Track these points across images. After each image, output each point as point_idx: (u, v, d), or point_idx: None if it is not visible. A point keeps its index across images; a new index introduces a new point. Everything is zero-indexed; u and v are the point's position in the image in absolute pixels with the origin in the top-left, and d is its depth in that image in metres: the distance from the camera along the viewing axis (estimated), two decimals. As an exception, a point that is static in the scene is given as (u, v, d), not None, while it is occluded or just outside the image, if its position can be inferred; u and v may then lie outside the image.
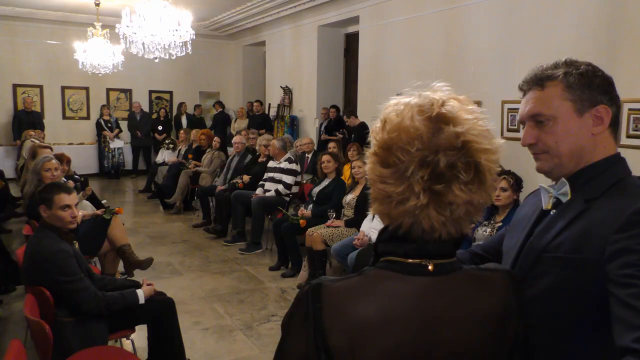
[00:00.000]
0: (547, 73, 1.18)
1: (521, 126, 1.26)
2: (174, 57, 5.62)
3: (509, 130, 5.67)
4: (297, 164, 6.29)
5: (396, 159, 0.89)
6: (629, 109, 4.44)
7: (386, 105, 0.97)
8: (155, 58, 5.58)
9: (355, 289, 0.91)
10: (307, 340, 0.89)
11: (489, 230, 3.46)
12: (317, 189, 5.36)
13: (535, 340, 1.05)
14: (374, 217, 4.51)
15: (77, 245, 2.93)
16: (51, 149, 5.28)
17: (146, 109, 11.80)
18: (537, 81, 1.18)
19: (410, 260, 0.92)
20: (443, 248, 0.94)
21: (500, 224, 3.42)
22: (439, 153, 0.88)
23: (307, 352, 0.89)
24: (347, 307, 0.89)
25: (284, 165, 6.15)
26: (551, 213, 1.18)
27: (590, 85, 1.13)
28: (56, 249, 2.64)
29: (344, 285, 0.92)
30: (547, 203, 1.20)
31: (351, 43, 9.50)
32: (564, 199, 1.16)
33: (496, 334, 0.94)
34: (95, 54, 8.39)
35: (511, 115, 5.80)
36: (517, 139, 4.59)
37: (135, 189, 10.11)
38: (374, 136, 0.95)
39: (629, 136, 4.44)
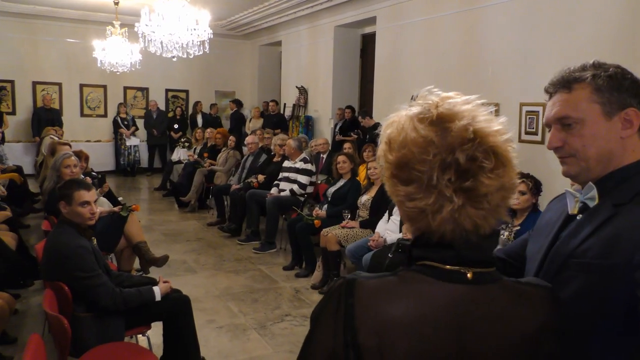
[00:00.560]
0: (574, 75, 1.16)
1: (547, 129, 1.24)
2: (191, 56, 5.65)
3: (527, 133, 5.61)
4: (312, 164, 6.29)
5: (417, 172, 0.89)
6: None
7: (383, 127, 0.97)
8: (173, 57, 5.62)
9: (390, 289, 0.90)
10: (335, 334, 0.89)
11: (506, 233, 3.42)
12: (332, 190, 5.35)
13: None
14: (389, 218, 4.50)
15: (95, 242, 2.96)
16: (70, 145, 5.34)
17: (162, 107, 11.90)
18: (565, 83, 1.17)
19: (448, 267, 0.91)
20: (483, 255, 0.92)
21: (519, 227, 3.38)
22: (455, 151, 0.87)
23: (334, 346, 0.89)
24: (380, 305, 0.88)
25: (299, 165, 6.16)
26: (577, 218, 1.15)
27: (619, 88, 1.11)
28: (75, 245, 2.67)
29: (379, 284, 0.91)
30: (573, 208, 1.18)
31: (367, 44, 9.48)
32: (591, 204, 1.13)
33: (529, 354, 0.92)
34: (114, 53, 8.48)
35: (529, 117, 5.74)
36: (536, 142, 4.57)
37: (151, 187, 10.20)
38: (384, 160, 0.95)
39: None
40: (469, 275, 0.90)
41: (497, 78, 6.17)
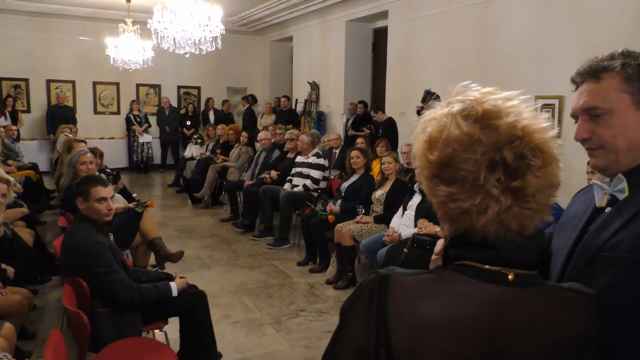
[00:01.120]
0: (603, 64, 1.13)
1: (574, 120, 1.21)
2: (204, 52, 5.66)
3: (542, 126, 5.54)
4: (325, 159, 6.28)
5: (461, 172, 0.85)
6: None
7: (419, 125, 0.93)
8: (186, 53, 5.63)
9: (426, 286, 0.88)
10: (366, 331, 0.86)
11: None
12: (345, 185, 5.33)
13: None
14: (403, 213, 4.47)
15: (112, 238, 2.97)
16: (85, 143, 5.38)
17: (175, 104, 11.95)
18: (592, 73, 1.13)
19: (487, 267, 0.87)
20: (526, 257, 0.89)
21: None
22: (503, 149, 0.84)
23: (365, 342, 0.86)
24: (415, 303, 0.86)
25: (312, 160, 6.15)
26: (605, 211, 1.13)
27: None
28: (92, 241, 2.68)
29: (414, 280, 0.89)
30: (600, 200, 1.15)
31: (379, 38, 9.43)
32: (621, 196, 1.11)
33: None
34: (126, 50, 8.52)
35: (545, 111, 5.63)
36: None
37: (164, 183, 10.25)
38: (422, 160, 0.91)
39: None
40: (510, 276, 0.87)
41: (511, 71, 6.10)
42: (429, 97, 5.85)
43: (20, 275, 3.53)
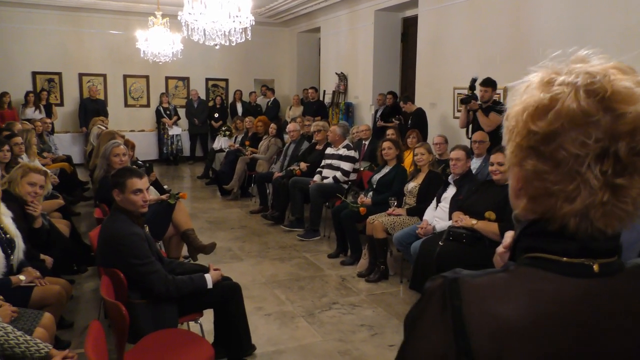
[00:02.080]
0: None
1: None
2: (234, 44, 5.63)
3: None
4: (355, 151, 6.21)
5: (564, 152, 0.75)
6: None
7: (526, 84, 0.81)
8: (216, 45, 5.61)
9: (502, 287, 0.80)
10: (443, 341, 0.79)
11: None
12: (377, 177, 5.26)
13: None
14: (437, 205, 4.39)
15: (147, 229, 2.98)
16: (123, 136, 5.44)
17: (203, 96, 12.02)
18: None
19: (566, 259, 0.79)
20: (609, 244, 0.80)
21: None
22: (620, 141, 0.73)
23: (443, 354, 0.79)
24: (494, 306, 0.78)
25: (342, 152, 6.09)
26: None
27: None
28: (129, 232, 2.69)
29: (488, 282, 0.81)
30: None
31: (409, 27, 9.28)
32: None
33: None
34: (156, 43, 8.57)
35: (583, 100, 5.48)
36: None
37: (193, 175, 10.34)
38: (521, 126, 0.79)
39: None
40: (595, 268, 0.79)
41: (548, 59, 5.91)
42: (474, 82, 5.71)
43: (57, 266, 3.58)
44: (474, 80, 5.64)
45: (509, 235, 1.06)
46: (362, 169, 6.49)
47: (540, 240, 0.81)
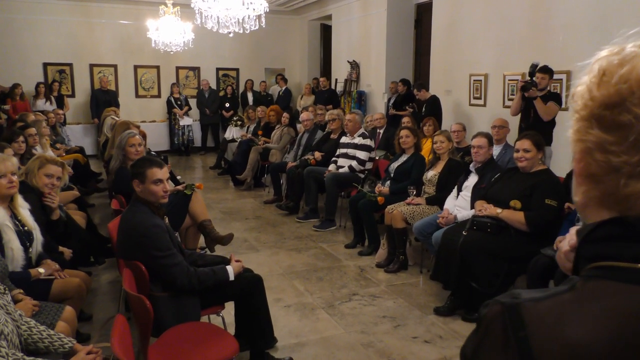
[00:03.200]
0: None
1: None
2: (247, 31, 5.54)
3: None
4: (371, 140, 6.12)
5: (630, 117, 0.67)
6: None
7: (597, 57, 0.74)
8: (230, 32, 5.52)
9: (570, 310, 0.70)
10: None
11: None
12: (394, 165, 5.17)
13: None
14: (458, 194, 4.30)
15: (167, 220, 2.92)
16: (139, 127, 5.39)
17: (214, 86, 11.94)
18: None
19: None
20: None
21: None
22: None
23: None
24: (565, 333, 0.68)
25: (358, 141, 5.99)
26: None
27: None
28: (150, 224, 2.63)
29: (554, 305, 0.71)
30: None
31: (422, 13, 9.11)
32: None
33: None
34: (167, 32, 8.50)
35: (606, 85, 5.34)
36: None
37: (205, 166, 10.30)
38: (587, 95, 0.72)
39: None
40: None
41: (569, 44, 5.76)
42: (535, 68, 5.22)
43: (75, 258, 3.54)
44: (535, 66, 5.18)
45: (573, 233, 0.96)
46: (377, 157, 6.40)
47: (609, 245, 0.71)
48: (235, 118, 10.24)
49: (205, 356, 2.30)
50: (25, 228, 2.93)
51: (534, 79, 5.12)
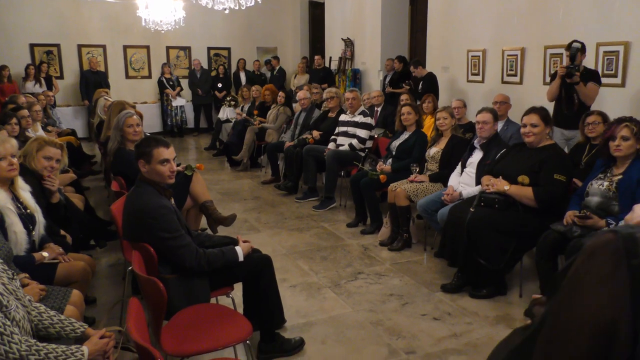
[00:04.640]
0: None
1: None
2: (244, 7, 5.41)
3: (604, 75, 5.18)
4: (371, 118, 6.04)
5: None
6: None
7: None
8: (225, 9, 5.39)
9: None
10: (612, 303, 0.69)
11: (606, 184, 3.14)
12: (396, 143, 5.11)
13: None
14: (462, 171, 4.26)
15: (173, 202, 2.85)
16: (134, 106, 5.26)
17: (205, 66, 11.74)
18: None
19: None
20: None
21: (621, 176, 3.09)
22: None
23: (614, 318, 0.69)
24: None
25: (359, 119, 5.92)
26: None
27: None
28: (157, 205, 2.56)
29: None
30: None
31: (418, -12, 8.96)
32: None
33: None
34: (157, 10, 8.28)
35: (607, 58, 5.29)
36: (614, 85, 4.21)
37: (199, 147, 10.17)
38: None
39: None
40: None
41: (569, 18, 5.69)
42: (578, 51, 4.62)
43: (76, 242, 3.47)
44: (576, 49, 4.61)
45: None
46: (376, 135, 6.33)
47: None
48: (228, 98, 10.10)
49: (220, 338, 2.26)
50: (28, 211, 2.85)
51: (575, 63, 4.61)
